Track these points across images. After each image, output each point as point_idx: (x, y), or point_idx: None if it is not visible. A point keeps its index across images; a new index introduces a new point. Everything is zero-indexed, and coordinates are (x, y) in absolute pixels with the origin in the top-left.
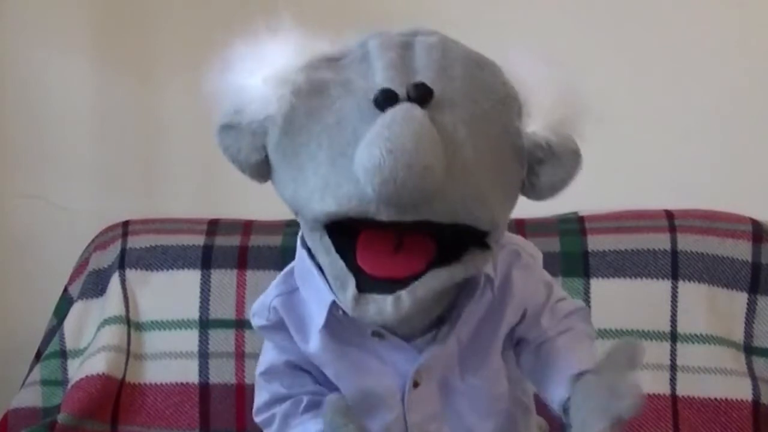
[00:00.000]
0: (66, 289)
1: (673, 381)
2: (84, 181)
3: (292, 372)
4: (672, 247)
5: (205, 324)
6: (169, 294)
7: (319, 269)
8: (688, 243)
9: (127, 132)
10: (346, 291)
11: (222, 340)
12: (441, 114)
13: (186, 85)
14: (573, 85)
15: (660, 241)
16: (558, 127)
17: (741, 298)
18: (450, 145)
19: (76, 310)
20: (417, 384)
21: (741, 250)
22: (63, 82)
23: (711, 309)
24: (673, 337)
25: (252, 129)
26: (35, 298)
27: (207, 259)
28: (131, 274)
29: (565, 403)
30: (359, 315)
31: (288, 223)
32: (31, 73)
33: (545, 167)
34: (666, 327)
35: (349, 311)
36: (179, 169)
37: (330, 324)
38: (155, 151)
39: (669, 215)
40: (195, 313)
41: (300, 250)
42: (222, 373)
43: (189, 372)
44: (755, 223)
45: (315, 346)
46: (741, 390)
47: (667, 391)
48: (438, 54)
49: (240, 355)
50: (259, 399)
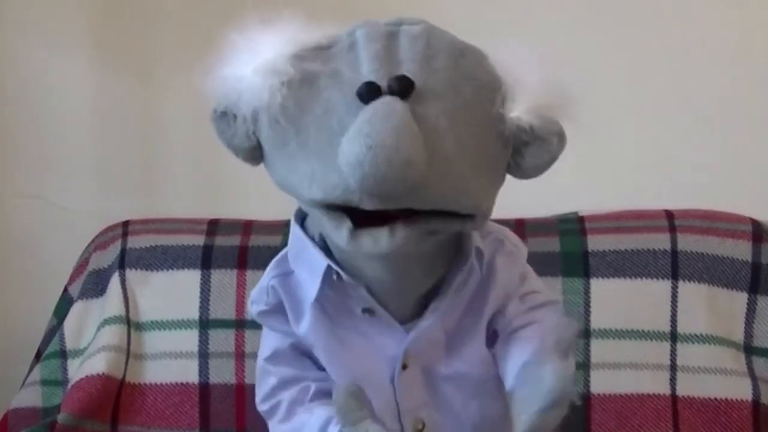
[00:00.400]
0: (66, 289)
1: (673, 381)
2: (84, 181)
3: (298, 356)
4: (672, 247)
5: (205, 324)
6: (169, 294)
7: (313, 240)
8: (688, 243)
9: (127, 132)
10: (341, 228)
11: (222, 340)
12: (423, 106)
13: (186, 85)
14: (556, 70)
15: (660, 241)
16: (541, 111)
17: (741, 298)
18: (431, 137)
19: (76, 310)
20: (405, 367)
21: (741, 250)
22: (63, 82)
23: (711, 309)
24: (673, 337)
25: (244, 117)
26: (35, 298)
27: (207, 259)
28: (131, 274)
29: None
30: (355, 248)
31: (288, 223)
32: (31, 73)
33: (530, 149)
34: (666, 327)
35: (345, 245)
36: (179, 169)
37: (321, 300)
38: (155, 151)
39: (669, 215)
40: (195, 313)
41: (293, 225)
42: (222, 373)
43: (189, 372)
44: (755, 223)
45: (306, 325)
46: (741, 390)
47: (667, 391)
48: (422, 44)
49: (240, 355)
50: (265, 385)
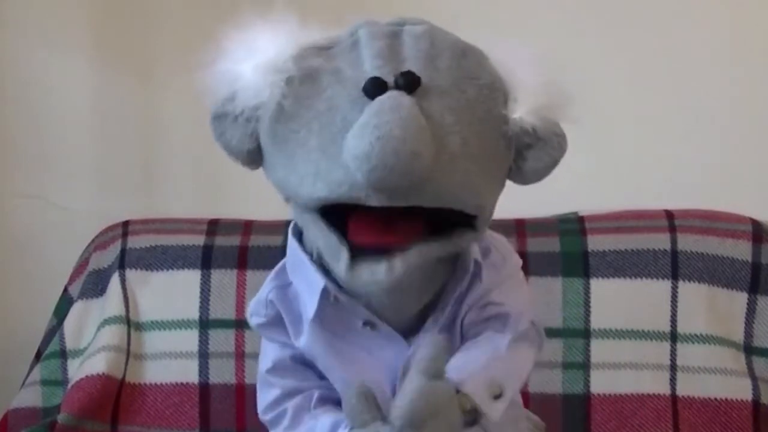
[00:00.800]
0: (66, 289)
1: (673, 381)
2: (84, 181)
3: (299, 366)
4: (672, 247)
5: (205, 324)
6: (169, 294)
7: (310, 257)
8: (688, 243)
9: (127, 132)
10: (339, 260)
11: (222, 340)
12: (429, 102)
13: (186, 85)
14: (558, 72)
15: (660, 241)
16: (543, 113)
17: (741, 298)
18: (438, 132)
19: (76, 310)
20: None
21: (741, 250)
22: (63, 82)
23: (711, 309)
24: (673, 337)
25: (244, 116)
26: (35, 298)
27: (207, 259)
28: (131, 274)
29: None
30: (353, 282)
31: (288, 223)
32: (31, 73)
33: (531, 152)
34: (666, 327)
35: (343, 279)
36: (179, 169)
37: (321, 315)
38: (155, 151)
39: (669, 215)
40: (195, 313)
41: (291, 240)
42: (222, 373)
43: (189, 372)
44: (755, 223)
45: (306, 338)
46: (741, 390)
47: (667, 391)
48: (426, 43)
49: (240, 355)
50: (267, 396)
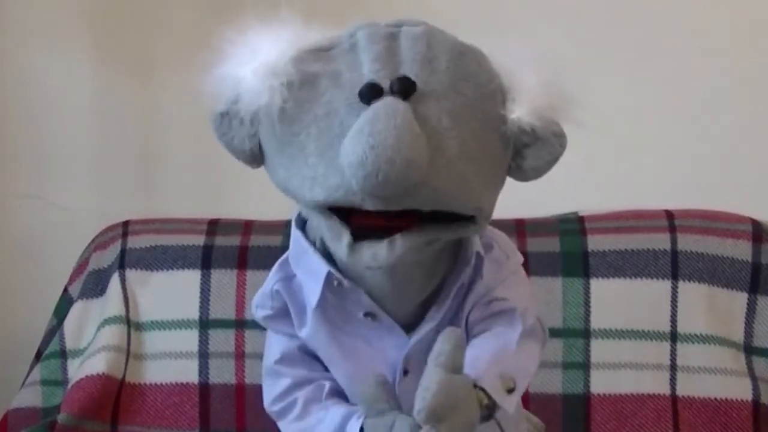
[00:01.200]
0: (66, 289)
1: (673, 381)
2: (84, 181)
3: (307, 357)
4: (672, 247)
5: (205, 324)
6: (169, 294)
7: (313, 245)
8: (688, 243)
9: (127, 132)
10: (341, 240)
11: (222, 340)
12: (425, 106)
13: (186, 85)
14: (556, 71)
15: (660, 241)
16: (542, 112)
17: (741, 298)
18: (433, 137)
19: (76, 310)
20: (407, 372)
21: (741, 250)
22: (63, 81)
23: (711, 309)
24: (673, 337)
25: (245, 118)
26: (35, 298)
27: (207, 259)
28: (131, 274)
29: None
30: (355, 261)
31: (288, 223)
32: (31, 73)
33: (530, 151)
34: (666, 327)
35: (345, 258)
36: (179, 169)
37: (323, 305)
38: (155, 151)
39: (669, 215)
40: (195, 313)
41: (294, 231)
42: (222, 373)
43: (189, 372)
44: (755, 223)
45: (308, 329)
46: (741, 390)
47: (667, 391)
48: (423, 45)
49: (240, 355)
50: (276, 387)
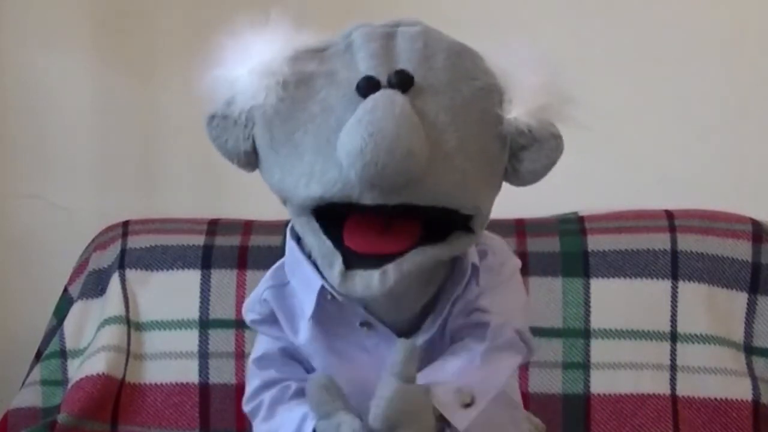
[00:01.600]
0: (66, 289)
1: (673, 381)
2: (84, 181)
3: (286, 360)
4: (672, 247)
5: (205, 324)
6: (169, 294)
7: (308, 258)
8: (688, 243)
9: (127, 132)
10: (333, 268)
11: (222, 340)
12: (423, 101)
13: (186, 85)
14: (554, 72)
15: (660, 241)
16: (539, 114)
17: (741, 298)
18: (432, 131)
19: (76, 310)
20: None
21: (741, 250)
22: (63, 82)
23: (711, 309)
24: (673, 337)
25: (240, 119)
26: (35, 298)
27: (207, 259)
28: (131, 274)
29: None
30: (346, 290)
31: (287, 223)
32: (32, 73)
33: (527, 153)
34: (666, 327)
35: (337, 287)
36: (179, 169)
37: (318, 314)
38: (155, 151)
39: (669, 215)
40: (195, 313)
41: (289, 241)
42: (222, 373)
43: (189, 372)
44: (755, 223)
45: (304, 337)
46: (741, 390)
47: (667, 391)
48: (420, 43)
49: (240, 355)
50: (250, 387)
